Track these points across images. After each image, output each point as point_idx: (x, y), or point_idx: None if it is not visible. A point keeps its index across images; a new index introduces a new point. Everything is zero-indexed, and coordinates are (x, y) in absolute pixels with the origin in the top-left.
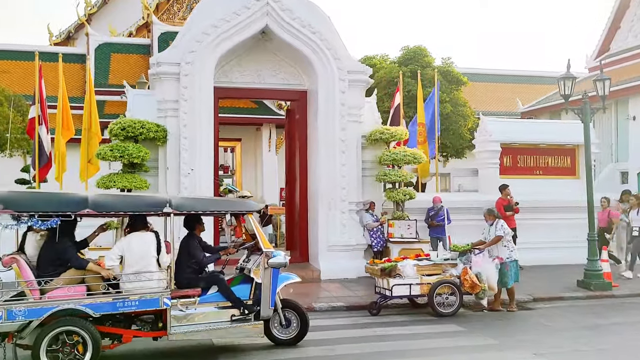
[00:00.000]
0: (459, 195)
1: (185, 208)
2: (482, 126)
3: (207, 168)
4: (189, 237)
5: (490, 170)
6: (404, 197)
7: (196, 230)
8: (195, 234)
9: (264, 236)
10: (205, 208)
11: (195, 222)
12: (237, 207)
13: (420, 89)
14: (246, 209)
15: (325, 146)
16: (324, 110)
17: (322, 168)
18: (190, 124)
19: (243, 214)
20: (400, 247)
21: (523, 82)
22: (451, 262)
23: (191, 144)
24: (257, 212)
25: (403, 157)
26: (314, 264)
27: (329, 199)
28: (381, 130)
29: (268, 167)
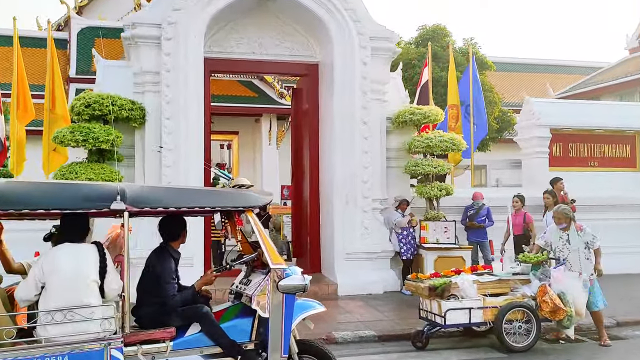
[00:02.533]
0: (498, 191)
1: (147, 202)
2: (528, 108)
3: (196, 156)
4: (160, 252)
5: (538, 160)
6: (440, 192)
7: (175, 242)
8: (172, 247)
9: (272, 245)
10: (181, 202)
11: (175, 227)
12: (232, 201)
13: (452, 62)
14: (245, 204)
15: (343, 130)
16: (341, 86)
17: (339, 158)
18: (174, 100)
19: (240, 212)
20: (436, 254)
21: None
22: (522, 277)
23: (176, 126)
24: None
25: (439, 143)
26: (329, 275)
27: (347, 196)
28: (411, 111)
29: (268, 163)
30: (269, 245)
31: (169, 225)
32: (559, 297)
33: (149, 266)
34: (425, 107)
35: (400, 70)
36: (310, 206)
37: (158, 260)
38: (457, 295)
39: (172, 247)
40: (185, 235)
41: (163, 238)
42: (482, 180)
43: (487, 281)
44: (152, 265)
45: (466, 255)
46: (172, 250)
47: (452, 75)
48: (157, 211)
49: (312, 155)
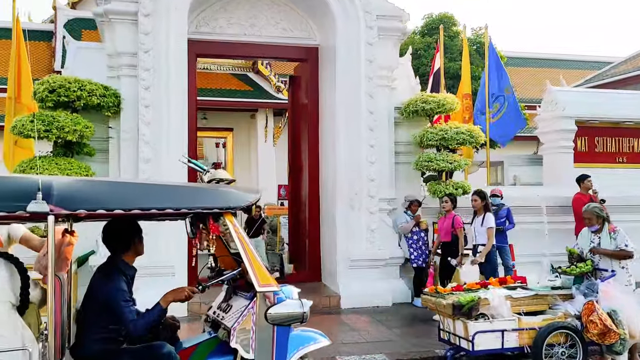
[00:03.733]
0: (517, 189)
1: (82, 202)
2: (550, 97)
3: (180, 150)
4: (106, 268)
5: (561, 156)
6: (455, 191)
7: (127, 253)
8: (124, 261)
9: (258, 258)
10: (131, 201)
11: (125, 234)
12: (204, 200)
13: (466, 48)
14: (223, 204)
15: (346, 122)
16: (344, 71)
17: (342, 152)
18: (154, 86)
19: (216, 216)
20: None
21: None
22: (563, 292)
23: (156, 115)
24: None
25: (455, 136)
26: (331, 285)
27: (351, 195)
28: (424, 99)
29: (264, 161)
30: (255, 260)
31: (117, 231)
32: (610, 316)
33: (92, 289)
34: (439, 95)
35: (409, 55)
36: (309, 206)
37: (102, 280)
38: (486, 314)
39: (123, 261)
40: (141, 244)
41: (110, 249)
42: (498, 178)
43: (522, 297)
44: (95, 287)
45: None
46: (123, 265)
47: (466, 62)
48: (98, 214)
49: (312, 149)
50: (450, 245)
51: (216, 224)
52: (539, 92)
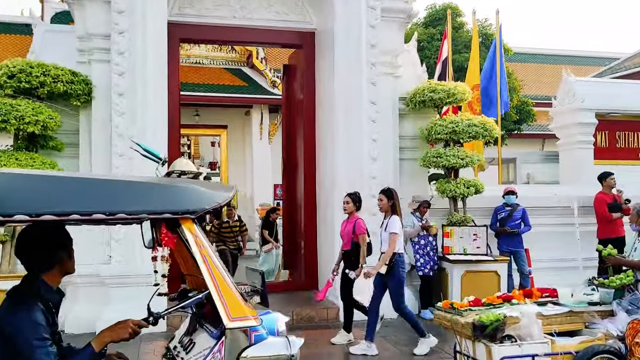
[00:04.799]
0: (531, 188)
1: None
2: (567, 88)
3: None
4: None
5: (580, 152)
6: (467, 190)
7: (48, 273)
8: (46, 283)
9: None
10: (33, 204)
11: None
12: (150, 201)
13: (475, 35)
14: (176, 207)
15: (346, 112)
16: (344, 57)
17: (341, 147)
18: (129, 71)
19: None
20: (462, 268)
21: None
22: (602, 308)
23: (131, 105)
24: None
25: (467, 129)
26: (329, 294)
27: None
28: (432, 87)
29: (260, 159)
30: (224, 284)
31: (34, 241)
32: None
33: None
34: (449, 83)
35: (415, 41)
36: (305, 207)
37: (10, 310)
38: (512, 336)
39: (43, 282)
40: (71, 259)
41: (25, 266)
42: (510, 176)
43: (554, 314)
44: (0, 320)
45: (501, 269)
46: (43, 289)
47: (475, 49)
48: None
49: (307, 145)
50: (350, 254)
51: (171, 234)
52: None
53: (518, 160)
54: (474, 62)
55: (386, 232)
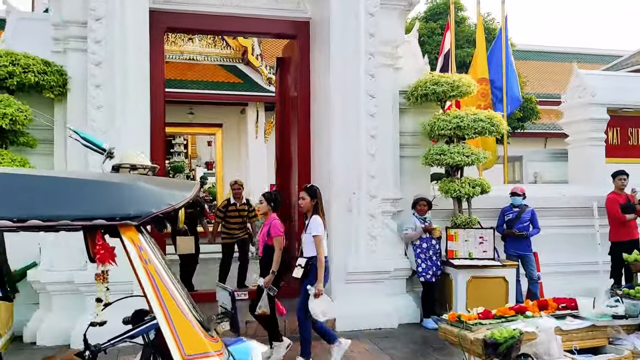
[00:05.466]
0: (539, 188)
1: None
2: (577, 82)
3: (140, 141)
4: None
5: (591, 149)
6: (472, 190)
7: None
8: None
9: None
10: None
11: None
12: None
13: (480, 25)
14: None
15: (343, 107)
16: (341, 47)
17: (337, 144)
18: (107, 62)
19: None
20: (468, 274)
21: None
22: (628, 322)
23: (109, 98)
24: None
25: (473, 124)
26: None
27: (349, 195)
28: (435, 80)
29: (255, 158)
30: (176, 311)
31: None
32: None
33: None
34: (454, 75)
35: (416, 32)
36: (299, 209)
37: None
38: (529, 355)
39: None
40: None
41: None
42: (516, 175)
43: (575, 329)
44: None
45: (509, 275)
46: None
47: (481, 41)
48: None
49: (302, 141)
50: (263, 260)
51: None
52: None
53: (524, 158)
54: (480, 54)
55: (307, 235)
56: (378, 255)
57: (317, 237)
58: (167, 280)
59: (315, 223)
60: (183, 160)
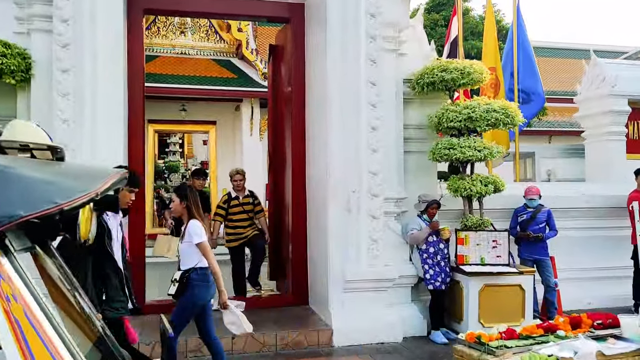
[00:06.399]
0: (553, 187)
1: None
2: (596, 72)
3: (113, 134)
4: None
5: (610, 144)
6: (485, 188)
7: None
8: None
9: (45, 331)
10: None
11: None
12: None
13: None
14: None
15: (341, 96)
16: (340, 30)
17: (335, 138)
18: (75, 43)
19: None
20: (481, 282)
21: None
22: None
23: (77, 84)
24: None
25: (486, 115)
26: (320, 312)
27: (348, 194)
28: (443, 66)
29: (250, 157)
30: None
31: None
32: None
33: None
34: (465, 61)
35: (421, 16)
36: (294, 209)
37: None
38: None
39: None
40: None
41: None
42: (527, 172)
43: (620, 353)
44: None
45: (526, 283)
46: None
47: (490, 27)
48: None
49: (296, 135)
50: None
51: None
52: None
53: (537, 155)
54: (490, 41)
55: (186, 243)
56: (380, 260)
57: (202, 243)
58: (45, 328)
59: (194, 228)
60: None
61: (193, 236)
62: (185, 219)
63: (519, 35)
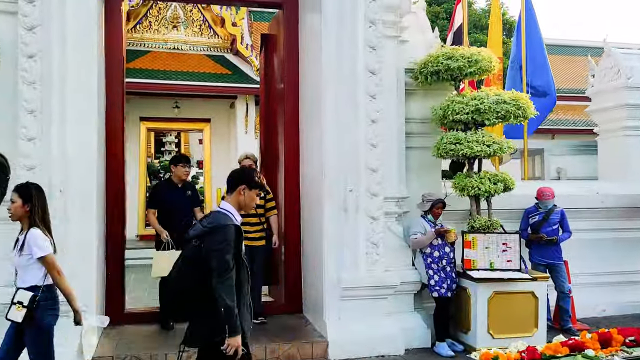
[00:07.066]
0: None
1: None
2: (610, 63)
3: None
4: None
5: (626, 140)
6: (494, 187)
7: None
8: None
9: None
10: None
11: None
12: None
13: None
14: None
15: (338, 86)
16: (336, 13)
17: (331, 131)
18: (43, 26)
19: None
20: (490, 289)
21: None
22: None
23: (45, 72)
24: None
25: (495, 107)
26: (315, 322)
27: (345, 193)
28: (448, 54)
29: None
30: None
31: None
32: None
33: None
34: (473, 49)
35: (424, 2)
36: (287, 210)
37: None
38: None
39: None
40: None
41: None
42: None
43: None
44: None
45: (539, 290)
46: None
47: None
48: None
49: (289, 129)
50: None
51: None
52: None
53: (546, 152)
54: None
55: (24, 256)
56: (380, 265)
57: (45, 258)
58: None
59: (36, 238)
60: None
61: (33, 248)
62: (26, 225)
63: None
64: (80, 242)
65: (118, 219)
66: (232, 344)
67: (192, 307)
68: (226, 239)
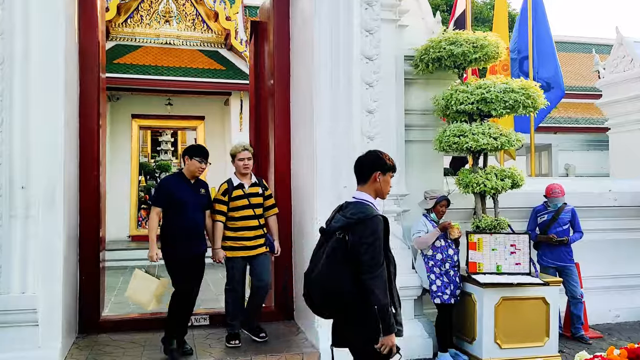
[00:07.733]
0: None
1: None
2: (622, 53)
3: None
4: None
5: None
6: (501, 183)
7: None
8: None
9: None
10: None
11: None
12: None
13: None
14: None
15: (332, 74)
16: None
17: (324, 123)
18: (5, 3)
19: None
20: (497, 294)
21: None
22: None
23: (7, 54)
24: None
25: (503, 96)
26: (306, 330)
27: (339, 190)
28: (452, 38)
29: None
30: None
31: None
32: None
33: None
34: (478, 33)
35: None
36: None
37: None
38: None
39: None
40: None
41: None
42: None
43: None
44: None
45: (551, 295)
46: None
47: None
48: None
49: (280, 121)
50: None
51: None
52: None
53: (553, 147)
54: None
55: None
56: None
57: None
58: None
59: None
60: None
61: None
62: None
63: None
64: (44, 243)
65: (93, 217)
66: (387, 343)
67: (348, 307)
68: (376, 231)
